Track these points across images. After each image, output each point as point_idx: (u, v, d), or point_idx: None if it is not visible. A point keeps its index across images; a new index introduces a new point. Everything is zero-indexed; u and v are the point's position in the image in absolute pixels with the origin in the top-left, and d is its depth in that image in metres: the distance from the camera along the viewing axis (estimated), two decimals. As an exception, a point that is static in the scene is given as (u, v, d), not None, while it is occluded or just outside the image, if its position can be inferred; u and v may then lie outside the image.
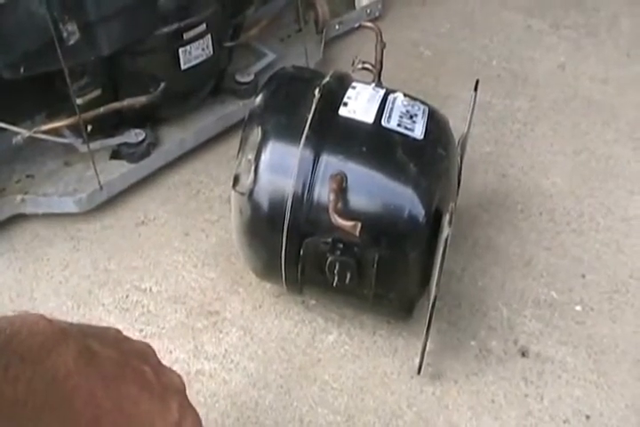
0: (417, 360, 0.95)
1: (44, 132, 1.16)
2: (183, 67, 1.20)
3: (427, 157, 0.88)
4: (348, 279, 0.86)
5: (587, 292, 1.03)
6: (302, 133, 0.87)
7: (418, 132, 0.88)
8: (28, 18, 1.00)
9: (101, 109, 1.16)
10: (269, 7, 1.45)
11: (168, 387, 0.52)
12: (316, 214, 0.86)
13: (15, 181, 1.19)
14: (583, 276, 1.05)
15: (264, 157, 0.88)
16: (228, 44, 1.31)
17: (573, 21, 1.57)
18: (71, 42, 1.05)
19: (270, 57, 1.42)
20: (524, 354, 0.96)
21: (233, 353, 0.97)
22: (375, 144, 0.87)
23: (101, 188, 1.17)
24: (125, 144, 1.22)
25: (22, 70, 1.04)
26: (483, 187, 1.19)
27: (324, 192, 0.85)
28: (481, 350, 0.97)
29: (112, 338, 0.51)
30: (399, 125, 0.88)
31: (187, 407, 0.53)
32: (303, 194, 0.86)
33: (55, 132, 1.18)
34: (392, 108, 0.90)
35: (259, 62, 1.41)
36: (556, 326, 0.99)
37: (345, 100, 0.90)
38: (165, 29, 1.14)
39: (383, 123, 0.88)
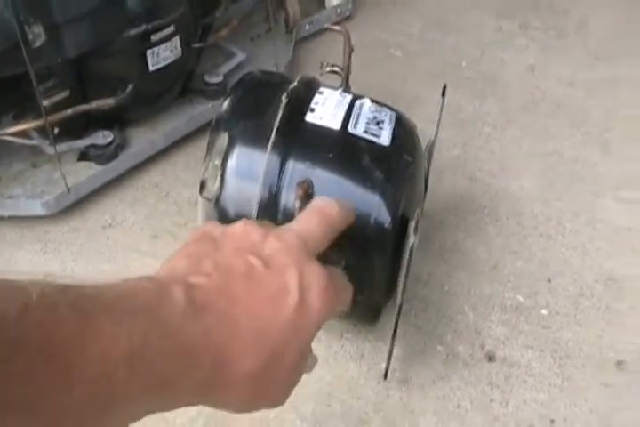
0: (383, 365, 0.96)
1: (11, 135, 1.15)
2: (151, 68, 1.19)
3: (393, 163, 0.88)
4: (314, 285, 0.86)
5: (552, 296, 1.04)
6: (269, 140, 0.86)
7: (384, 138, 0.88)
8: None
9: (69, 111, 1.16)
10: (239, 7, 1.45)
11: (280, 267, 0.51)
12: (282, 221, 0.85)
13: (-19, 184, 1.18)
14: (549, 280, 1.06)
15: (230, 162, 0.87)
16: (197, 45, 1.31)
17: (543, 23, 1.58)
18: (37, 44, 1.04)
19: (239, 57, 1.42)
20: (490, 359, 0.97)
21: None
22: (341, 151, 0.87)
23: (69, 190, 1.16)
24: (93, 146, 1.21)
25: (-13, 73, 1.04)
26: (451, 190, 1.20)
27: (290, 199, 0.84)
28: (448, 354, 0.98)
29: (208, 250, 0.52)
30: (366, 132, 0.87)
31: (306, 277, 0.52)
32: (270, 201, 0.85)
33: (22, 133, 1.17)
34: (359, 115, 0.89)
35: (228, 63, 1.40)
36: (522, 330, 1.00)
37: (312, 105, 0.89)
38: (133, 31, 1.13)
39: (350, 129, 0.87)
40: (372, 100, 0.93)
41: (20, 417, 0.35)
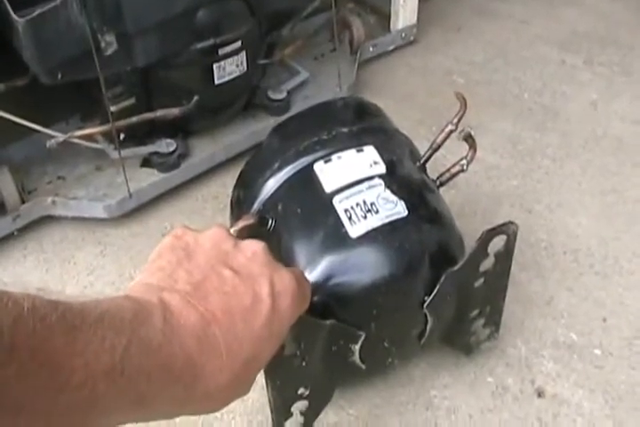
0: (433, 393, 0.96)
1: (78, 137, 1.17)
2: (217, 82, 1.21)
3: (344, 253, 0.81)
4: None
5: (607, 336, 1.03)
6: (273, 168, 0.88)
7: (357, 229, 0.80)
8: (67, 27, 1.02)
9: (134, 119, 1.18)
10: (305, 26, 1.46)
11: (251, 277, 0.55)
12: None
13: (46, 182, 1.21)
14: (604, 319, 1.05)
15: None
16: (263, 61, 1.32)
17: (608, 58, 1.57)
18: (108, 52, 1.07)
19: (303, 75, 1.43)
20: (540, 394, 0.96)
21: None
22: (310, 213, 0.83)
23: (131, 195, 1.18)
24: (156, 153, 1.23)
25: (60, 77, 1.06)
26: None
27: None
28: (497, 387, 0.97)
29: (181, 260, 0.56)
30: (345, 211, 0.81)
31: (276, 284, 0.56)
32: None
33: (89, 136, 1.19)
34: (359, 192, 0.82)
35: (292, 80, 1.42)
36: (574, 368, 0.99)
37: (332, 156, 0.85)
38: (201, 44, 1.15)
39: (334, 199, 0.82)
40: (388, 188, 0.83)
41: (9, 418, 0.38)
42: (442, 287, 0.81)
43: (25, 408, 0.39)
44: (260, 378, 0.76)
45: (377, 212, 0.81)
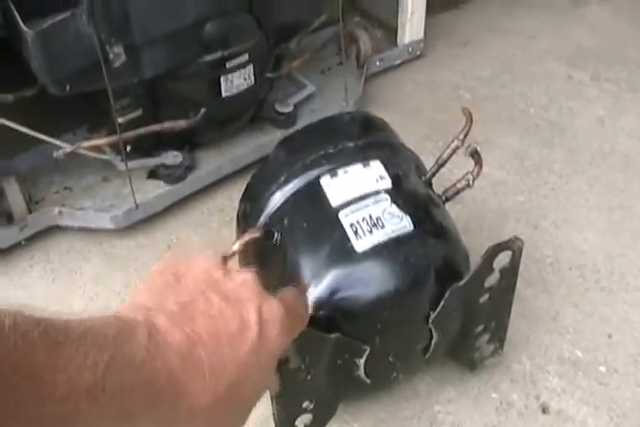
0: (437, 408, 0.96)
1: (85, 148, 1.18)
2: (224, 95, 1.22)
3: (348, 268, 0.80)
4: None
5: (612, 353, 1.03)
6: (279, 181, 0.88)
7: (363, 244, 0.80)
8: (76, 39, 1.03)
9: (142, 131, 1.18)
10: (312, 39, 1.46)
11: (239, 302, 0.55)
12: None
13: (54, 192, 1.21)
14: (609, 336, 1.05)
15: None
16: (270, 74, 1.33)
17: (615, 75, 1.57)
18: (116, 64, 1.07)
19: (310, 89, 1.44)
20: (544, 411, 0.96)
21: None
22: (316, 228, 0.83)
23: (137, 207, 1.19)
24: (163, 165, 1.24)
25: (68, 88, 1.07)
26: (513, 236, 1.19)
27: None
28: (502, 402, 0.97)
29: (170, 284, 0.55)
30: (351, 225, 0.81)
31: (264, 312, 0.55)
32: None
33: (96, 147, 1.19)
34: (365, 207, 0.82)
35: (298, 93, 1.42)
36: (579, 385, 0.99)
37: (338, 170, 0.86)
38: (208, 57, 1.16)
39: (340, 214, 0.82)
40: (394, 202, 0.83)
41: None
42: (447, 302, 0.81)
43: (8, 420, 0.39)
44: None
45: (383, 226, 0.81)
